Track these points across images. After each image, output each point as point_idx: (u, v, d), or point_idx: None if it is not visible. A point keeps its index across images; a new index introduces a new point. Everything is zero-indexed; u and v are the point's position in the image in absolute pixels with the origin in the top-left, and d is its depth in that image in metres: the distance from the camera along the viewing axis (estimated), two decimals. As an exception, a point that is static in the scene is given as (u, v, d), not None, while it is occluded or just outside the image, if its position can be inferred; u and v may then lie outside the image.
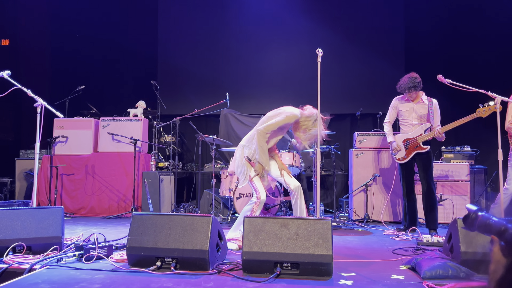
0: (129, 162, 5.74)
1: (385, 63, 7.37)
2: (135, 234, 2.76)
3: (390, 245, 3.74)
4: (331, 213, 5.98)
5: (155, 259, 2.69)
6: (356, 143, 5.67)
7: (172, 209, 5.79)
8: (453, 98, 6.50)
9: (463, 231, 2.78)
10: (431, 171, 4.39)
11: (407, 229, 4.38)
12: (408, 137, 4.45)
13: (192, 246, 2.65)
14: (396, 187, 5.11)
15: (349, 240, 4.06)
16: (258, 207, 3.47)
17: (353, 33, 7.53)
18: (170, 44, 7.95)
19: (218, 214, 5.42)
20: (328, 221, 2.65)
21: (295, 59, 7.50)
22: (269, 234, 2.64)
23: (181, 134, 7.55)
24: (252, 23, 7.73)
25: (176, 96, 7.68)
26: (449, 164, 5.46)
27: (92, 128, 6.06)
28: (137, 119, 6.10)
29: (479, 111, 3.96)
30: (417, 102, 4.47)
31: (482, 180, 5.84)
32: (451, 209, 5.27)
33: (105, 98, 7.82)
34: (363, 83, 7.38)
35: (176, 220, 2.77)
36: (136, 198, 5.65)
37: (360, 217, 5.39)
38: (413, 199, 4.52)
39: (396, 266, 2.95)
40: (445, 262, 2.62)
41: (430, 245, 3.64)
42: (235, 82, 7.57)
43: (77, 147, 6.00)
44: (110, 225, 4.93)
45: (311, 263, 2.54)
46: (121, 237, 3.71)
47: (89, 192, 5.86)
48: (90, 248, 2.96)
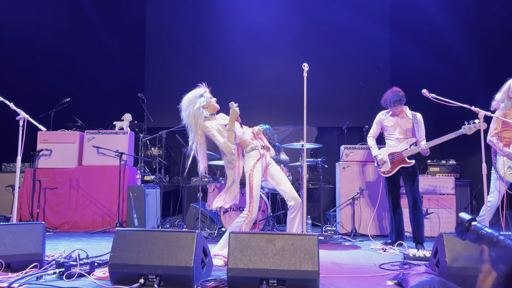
0: (114, 176, 5.66)
1: (371, 77, 7.47)
2: (117, 251, 2.70)
3: (377, 260, 3.73)
4: (318, 226, 5.96)
5: (138, 276, 2.63)
6: (343, 157, 5.69)
7: (157, 224, 5.71)
8: (438, 113, 6.59)
9: (449, 246, 2.78)
10: (417, 184, 4.41)
11: (394, 243, 4.38)
12: (393, 151, 4.47)
13: (176, 263, 2.60)
14: (383, 200, 5.12)
15: (336, 254, 4.04)
16: (247, 225, 3.35)
17: (340, 48, 7.62)
18: (157, 57, 7.94)
19: (204, 228, 5.35)
20: (315, 236, 2.63)
21: (282, 72, 7.55)
22: (255, 250, 2.60)
23: (167, 147, 7.49)
24: (239, 37, 7.78)
25: (163, 109, 7.64)
26: (435, 178, 5.51)
27: (77, 141, 5.98)
28: (123, 132, 6.04)
29: (465, 128, 4.00)
30: (402, 117, 4.51)
31: (467, 193, 5.90)
32: (437, 222, 5.29)
33: (91, 111, 7.74)
34: (349, 97, 7.45)
35: (160, 236, 2.71)
36: (121, 213, 5.55)
37: (347, 230, 5.38)
38: (399, 213, 4.54)
39: (383, 281, 2.93)
40: (432, 278, 2.61)
41: (417, 260, 3.64)
42: (222, 95, 7.54)
43: (61, 161, 5.90)
44: (94, 240, 4.83)
45: (297, 280, 2.51)
46: (104, 253, 3.63)
47: (73, 207, 5.75)
48: (71, 265, 2.88)
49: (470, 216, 1.46)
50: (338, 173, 5.69)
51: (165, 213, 6.60)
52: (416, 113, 4.53)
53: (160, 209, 5.88)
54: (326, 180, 6.91)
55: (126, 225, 5.54)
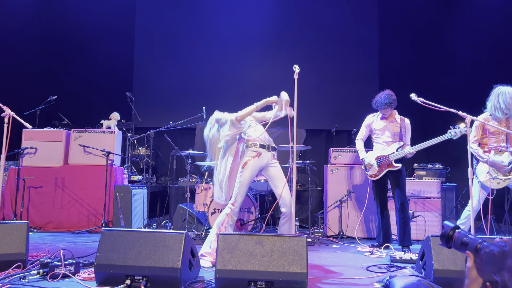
0: (101, 175, 5.58)
1: (360, 81, 7.52)
2: (104, 251, 2.66)
3: (364, 262, 3.74)
4: (306, 228, 5.97)
5: (124, 277, 2.60)
6: (331, 159, 5.71)
7: (144, 224, 5.65)
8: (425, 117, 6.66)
9: (436, 249, 2.80)
10: (404, 188, 4.45)
11: (381, 246, 4.40)
12: (380, 155, 4.50)
13: (164, 264, 2.57)
14: (370, 203, 5.15)
15: (324, 256, 4.04)
16: (230, 218, 3.41)
17: (330, 51, 7.66)
18: (146, 56, 7.88)
19: (191, 229, 5.32)
20: (303, 238, 2.63)
21: (272, 74, 7.55)
22: (244, 252, 2.59)
23: (155, 147, 7.43)
24: (229, 38, 7.76)
25: (151, 109, 7.58)
26: (421, 182, 5.56)
27: (63, 140, 5.88)
28: (110, 131, 5.96)
29: (450, 133, 4.05)
30: (391, 121, 4.55)
31: (452, 197, 5.97)
32: (424, 225, 5.34)
33: (78, 109, 7.64)
34: (338, 100, 7.49)
35: (147, 237, 2.68)
36: (107, 212, 5.48)
37: (334, 233, 5.39)
38: (386, 216, 4.57)
39: (370, 284, 2.94)
40: (418, 280, 2.62)
41: (403, 262, 3.66)
42: (212, 95, 7.54)
43: (46, 159, 5.80)
44: (79, 240, 4.76)
45: (286, 282, 2.50)
46: (90, 254, 3.58)
47: (58, 206, 5.66)
48: (55, 265, 2.83)
49: (453, 224, 1.48)
50: (326, 175, 5.71)
51: (152, 214, 6.54)
52: (404, 118, 4.57)
53: (147, 209, 5.82)
54: (314, 182, 6.93)
55: (112, 225, 5.47)
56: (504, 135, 4.14)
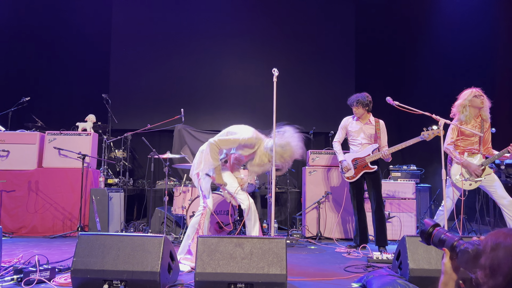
0: (77, 179, 5.47)
1: (337, 84, 7.64)
2: (81, 256, 2.62)
3: (342, 263, 3.80)
4: (284, 230, 6.00)
5: (102, 282, 2.56)
6: (309, 161, 5.77)
7: (121, 228, 5.57)
8: (400, 120, 6.83)
9: (411, 249, 2.88)
10: (380, 189, 4.54)
11: (358, 247, 4.48)
12: (357, 157, 4.59)
13: (143, 268, 2.55)
14: (347, 204, 5.23)
15: (303, 258, 4.08)
16: (205, 218, 3.45)
17: (307, 55, 7.75)
18: (123, 58, 7.78)
19: (170, 232, 5.27)
20: (283, 239, 2.65)
21: (251, 77, 7.58)
22: (223, 254, 2.59)
23: (132, 150, 7.33)
24: (208, 39, 7.75)
25: (128, 111, 7.49)
26: (397, 183, 5.68)
27: (37, 142, 5.74)
28: (86, 133, 5.86)
29: (423, 135, 4.16)
30: (366, 123, 4.64)
31: (427, 198, 6.12)
32: (399, 226, 5.45)
33: (52, 111, 7.47)
34: (316, 103, 7.59)
35: (125, 241, 2.66)
36: (83, 216, 5.38)
37: (312, 234, 5.45)
38: (363, 217, 4.65)
39: (348, 284, 2.99)
40: (394, 280, 2.69)
41: (380, 262, 3.74)
42: (190, 97, 7.51)
43: (19, 162, 5.65)
44: (54, 245, 4.66)
45: (266, 283, 2.52)
46: (66, 259, 3.50)
47: (31, 210, 5.51)
48: (30, 271, 2.76)
49: (433, 222, 1.54)
50: (304, 177, 5.76)
51: (129, 217, 6.44)
52: (379, 120, 4.67)
53: (124, 213, 5.74)
54: (293, 184, 6.98)
55: (88, 230, 5.37)
56: (478, 137, 4.28)
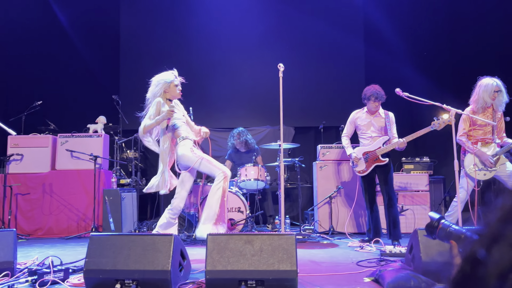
0: (89, 180, 5.54)
1: (346, 77, 7.56)
2: (93, 256, 2.64)
3: (355, 257, 3.77)
4: (297, 225, 5.99)
5: (114, 282, 2.58)
6: (320, 156, 5.74)
7: (134, 227, 5.62)
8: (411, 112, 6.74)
9: (424, 242, 2.83)
10: (392, 182, 4.48)
11: (371, 241, 4.44)
12: (367, 150, 4.53)
13: (154, 267, 2.56)
14: (359, 198, 5.19)
15: (315, 253, 4.07)
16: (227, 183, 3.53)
17: (315, 48, 7.68)
18: (132, 58, 7.82)
19: (182, 231, 5.30)
20: (292, 236, 2.64)
21: (258, 73, 7.55)
22: (233, 252, 2.59)
23: (144, 150, 7.38)
24: (215, 38, 7.74)
25: (138, 111, 7.50)
26: (409, 175, 5.61)
27: (49, 145, 5.82)
28: (97, 135, 5.92)
29: (434, 124, 4.10)
30: (375, 116, 4.58)
31: (440, 189, 6.03)
32: (413, 219, 5.40)
33: (64, 114, 7.54)
34: (325, 97, 7.52)
35: (136, 240, 2.67)
36: (97, 217, 5.44)
37: (325, 229, 5.42)
38: (376, 211, 4.60)
39: (360, 278, 2.97)
40: (407, 273, 2.66)
41: (393, 256, 3.70)
42: (199, 96, 7.52)
43: (33, 165, 5.74)
44: (69, 246, 4.72)
45: (276, 280, 2.51)
46: (79, 259, 3.54)
47: (46, 212, 5.60)
48: (44, 272, 2.80)
49: (438, 215, 1.51)
50: (315, 172, 5.74)
51: (142, 217, 6.50)
52: (388, 112, 4.61)
53: (137, 212, 5.79)
54: (304, 179, 6.95)
55: (102, 230, 5.43)
56: (490, 127, 4.20)
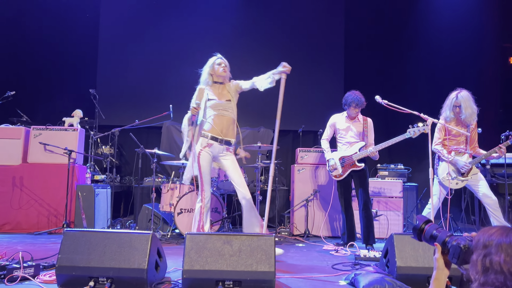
0: (62, 175, 5.38)
1: (326, 83, 7.65)
2: (66, 252, 2.57)
3: (330, 260, 3.81)
4: (272, 228, 6.01)
5: (88, 279, 2.52)
6: (298, 159, 5.77)
7: (107, 225, 5.51)
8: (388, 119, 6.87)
9: (399, 247, 2.89)
10: (367, 187, 4.55)
11: (346, 244, 4.49)
12: (344, 155, 4.59)
13: (129, 265, 2.51)
14: (335, 202, 5.24)
15: (291, 255, 4.08)
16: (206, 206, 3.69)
17: (296, 53, 7.71)
18: (110, 52, 7.67)
19: (157, 230, 5.23)
20: (272, 237, 2.65)
21: (239, 74, 7.52)
22: (212, 251, 2.57)
23: (119, 146, 7.25)
24: (196, 36, 7.68)
25: (116, 106, 7.39)
26: (384, 181, 5.72)
27: (22, 137, 5.64)
28: (73, 129, 5.77)
29: (410, 132, 4.19)
30: (354, 121, 4.65)
31: (413, 196, 6.17)
32: (386, 224, 5.49)
33: (38, 106, 7.33)
34: (305, 102, 7.58)
35: (112, 237, 2.62)
36: (69, 213, 5.30)
37: (300, 232, 5.46)
38: (350, 215, 4.66)
39: (336, 281, 3.00)
40: (382, 277, 2.70)
41: (367, 260, 3.76)
42: (179, 94, 7.43)
43: (3, 157, 5.54)
44: (39, 242, 4.58)
45: (254, 281, 2.51)
46: (50, 256, 3.45)
47: (15, 206, 5.41)
48: (14, 268, 2.71)
49: (426, 218, 1.56)
50: (293, 175, 5.77)
51: (115, 214, 6.37)
52: (367, 118, 4.68)
53: (111, 209, 5.67)
54: (281, 182, 6.98)
55: (74, 226, 5.30)
56: (464, 137, 4.32)
